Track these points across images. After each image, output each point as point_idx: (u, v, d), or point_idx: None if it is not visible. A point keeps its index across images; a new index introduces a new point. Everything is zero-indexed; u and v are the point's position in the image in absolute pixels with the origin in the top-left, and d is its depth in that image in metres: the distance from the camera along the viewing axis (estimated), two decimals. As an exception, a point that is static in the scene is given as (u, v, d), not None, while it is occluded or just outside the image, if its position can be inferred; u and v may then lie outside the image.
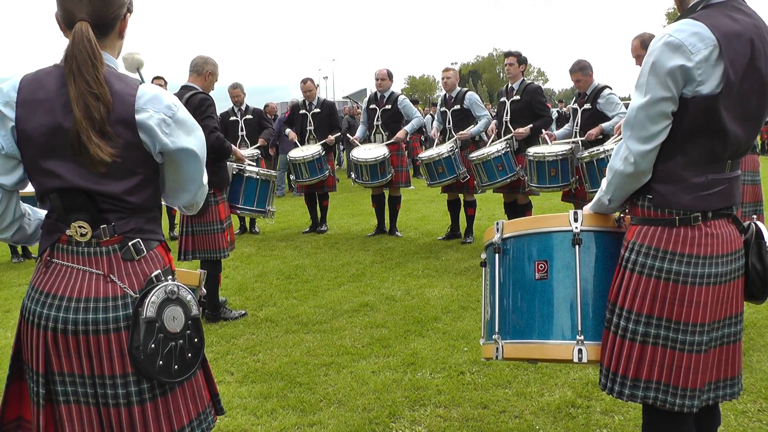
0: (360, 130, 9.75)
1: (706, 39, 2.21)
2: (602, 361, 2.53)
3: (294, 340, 5.32)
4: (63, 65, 2.06)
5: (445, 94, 9.05)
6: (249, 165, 7.28)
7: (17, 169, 2.15)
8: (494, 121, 8.57)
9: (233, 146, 6.14)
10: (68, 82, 2.03)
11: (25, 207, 2.33)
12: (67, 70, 2.03)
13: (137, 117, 2.07)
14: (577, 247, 2.65)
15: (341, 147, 19.68)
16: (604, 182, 2.57)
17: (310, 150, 9.50)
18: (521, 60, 8.16)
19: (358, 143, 9.47)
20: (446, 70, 9.06)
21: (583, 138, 7.31)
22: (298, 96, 10.80)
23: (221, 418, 3.86)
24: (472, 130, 8.61)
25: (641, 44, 5.74)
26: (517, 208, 8.37)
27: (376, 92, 9.61)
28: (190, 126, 2.21)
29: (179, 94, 5.46)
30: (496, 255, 2.88)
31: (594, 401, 3.94)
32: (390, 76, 9.52)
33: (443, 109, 8.98)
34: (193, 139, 2.22)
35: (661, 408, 2.40)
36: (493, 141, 8.24)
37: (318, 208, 10.36)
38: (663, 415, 2.44)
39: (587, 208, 2.73)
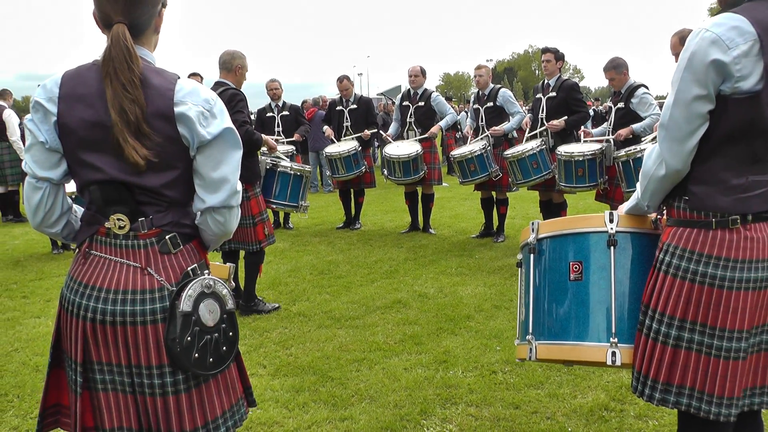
0: (393, 127, 9.75)
1: (746, 33, 2.12)
2: (634, 363, 2.50)
3: (326, 335, 5.35)
4: (101, 65, 2.11)
5: (478, 92, 9.00)
6: (282, 159, 7.32)
7: (62, 163, 2.19)
8: (528, 115, 8.50)
9: (263, 136, 6.16)
10: (105, 84, 2.07)
11: (71, 202, 2.37)
12: (104, 72, 2.08)
13: (176, 110, 2.11)
14: (612, 248, 2.62)
15: (376, 143, 19.71)
16: (639, 187, 2.52)
17: (346, 146, 9.52)
18: (558, 56, 8.09)
19: (390, 140, 9.47)
20: (479, 67, 9.03)
21: (614, 137, 7.24)
22: (334, 93, 10.84)
23: (253, 410, 3.90)
24: (505, 126, 8.57)
25: (680, 41, 5.62)
26: (552, 207, 8.31)
27: (409, 89, 9.60)
28: (227, 120, 2.23)
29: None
30: (531, 255, 2.86)
31: (628, 405, 3.91)
32: (423, 72, 9.49)
33: (476, 106, 8.94)
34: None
35: (695, 415, 2.35)
36: (527, 137, 8.19)
37: (352, 204, 10.37)
38: (698, 422, 2.38)
39: (622, 208, 2.69)
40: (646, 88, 7.20)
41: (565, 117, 7.79)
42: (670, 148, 2.30)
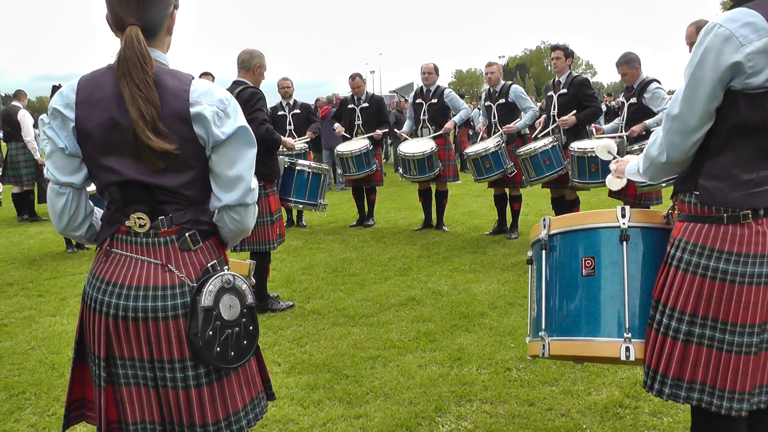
0: (407, 125, 9.76)
1: (760, 30, 2.10)
2: (645, 358, 2.50)
3: (341, 332, 5.37)
4: (116, 67, 2.13)
5: (489, 89, 9.01)
6: (300, 159, 7.35)
7: (82, 167, 2.23)
8: (543, 116, 8.49)
9: (282, 137, 6.18)
10: (122, 85, 2.10)
11: (92, 204, 2.41)
12: (119, 73, 2.10)
13: (192, 111, 2.13)
14: (624, 243, 2.62)
15: (388, 141, 19.71)
16: (641, 164, 2.52)
17: (358, 144, 9.53)
18: (568, 53, 8.08)
19: (406, 137, 9.48)
20: (489, 65, 9.03)
21: (627, 134, 7.21)
22: (346, 91, 10.87)
23: (269, 407, 3.91)
24: (518, 123, 8.57)
25: (697, 31, 5.53)
26: (564, 203, 8.29)
27: (422, 86, 9.60)
28: (242, 119, 2.25)
29: (230, 90, 5.52)
30: (543, 252, 2.86)
31: (642, 402, 3.90)
32: (436, 70, 9.49)
33: (488, 103, 8.94)
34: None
35: (707, 410, 2.34)
36: (539, 134, 8.17)
37: (365, 202, 10.39)
38: (711, 417, 2.37)
39: (625, 166, 2.70)
40: (659, 82, 7.16)
41: (574, 111, 7.77)
42: (673, 141, 2.31)
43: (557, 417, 3.77)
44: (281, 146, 6.30)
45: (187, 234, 2.24)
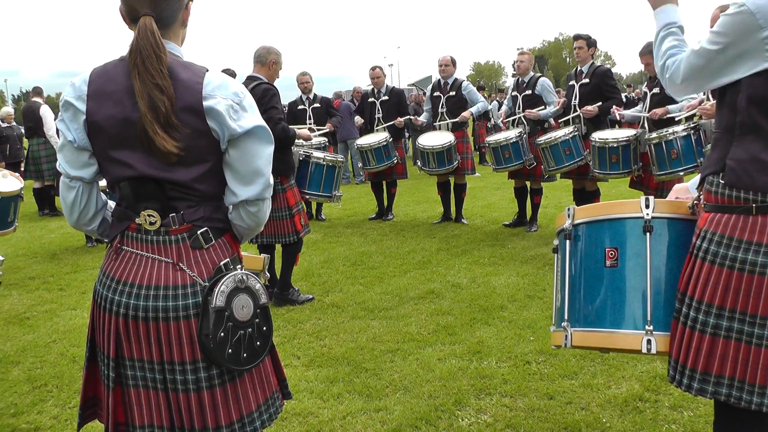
0: (424, 116, 9.75)
1: None
2: (671, 352, 2.45)
3: (360, 326, 5.37)
4: (128, 58, 2.10)
5: (518, 78, 8.95)
6: (315, 150, 7.36)
7: (92, 162, 2.20)
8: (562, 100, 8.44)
9: (297, 130, 6.17)
10: (132, 76, 2.06)
11: (105, 198, 2.38)
12: (131, 64, 2.07)
13: (205, 104, 2.09)
14: (648, 234, 2.58)
15: (407, 134, 19.68)
16: (655, 53, 2.50)
17: (377, 137, 9.52)
18: (590, 43, 8.02)
19: (421, 121, 9.51)
20: (522, 53, 9.01)
21: (648, 114, 7.14)
22: (365, 84, 10.88)
23: (288, 400, 3.92)
24: (542, 111, 8.51)
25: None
26: (585, 195, 8.24)
27: (439, 79, 9.57)
28: (258, 116, 2.21)
29: (244, 84, 5.52)
30: (567, 241, 2.83)
31: (662, 395, 3.86)
32: (454, 62, 9.46)
33: (514, 93, 8.90)
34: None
35: (734, 405, 2.28)
36: (558, 117, 8.14)
37: (385, 195, 10.37)
38: (737, 413, 2.32)
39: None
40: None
41: (599, 103, 7.72)
42: (686, 68, 2.29)
43: (577, 411, 3.75)
44: (297, 138, 6.29)
45: (199, 232, 2.19)
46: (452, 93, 9.29)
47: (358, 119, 10.21)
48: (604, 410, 3.73)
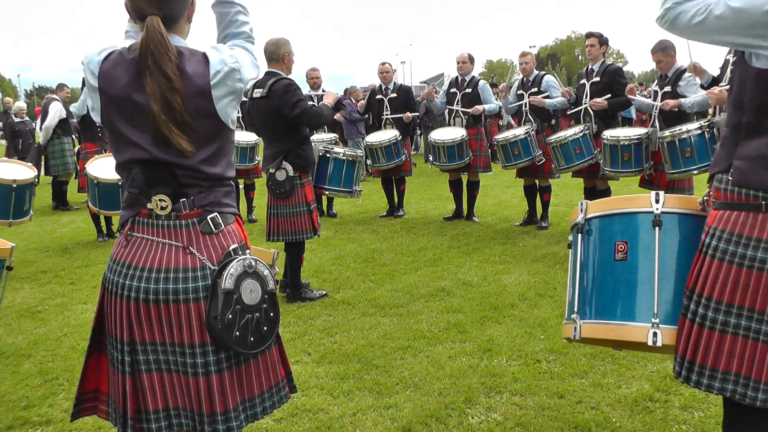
0: (438, 103, 9.76)
1: None
2: (677, 348, 2.44)
3: (371, 322, 5.37)
4: (136, 54, 2.15)
5: (523, 78, 8.96)
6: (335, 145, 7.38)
7: None
8: (568, 88, 8.43)
9: (325, 101, 6.17)
10: (144, 77, 2.11)
11: None
12: (142, 65, 2.12)
13: (212, 82, 2.18)
14: (657, 228, 2.60)
15: (418, 132, 19.67)
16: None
17: (387, 135, 9.52)
18: (602, 41, 8.01)
19: (437, 88, 9.52)
20: (523, 55, 8.99)
21: (661, 104, 7.10)
22: (375, 81, 10.92)
23: (298, 396, 3.93)
24: (546, 100, 8.50)
25: None
26: (596, 194, 8.21)
27: (457, 76, 9.58)
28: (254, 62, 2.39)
29: (264, 81, 5.53)
30: (579, 235, 2.86)
31: (672, 396, 3.85)
32: (471, 59, 9.48)
33: (520, 92, 8.89)
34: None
35: (741, 402, 2.28)
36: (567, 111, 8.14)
37: (395, 192, 10.38)
38: (745, 410, 2.31)
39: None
40: (694, 71, 7.05)
41: (608, 95, 7.70)
42: (706, 18, 2.19)
43: (587, 410, 3.74)
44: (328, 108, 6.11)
45: (209, 217, 2.25)
46: (469, 90, 9.31)
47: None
48: (614, 410, 3.72)
